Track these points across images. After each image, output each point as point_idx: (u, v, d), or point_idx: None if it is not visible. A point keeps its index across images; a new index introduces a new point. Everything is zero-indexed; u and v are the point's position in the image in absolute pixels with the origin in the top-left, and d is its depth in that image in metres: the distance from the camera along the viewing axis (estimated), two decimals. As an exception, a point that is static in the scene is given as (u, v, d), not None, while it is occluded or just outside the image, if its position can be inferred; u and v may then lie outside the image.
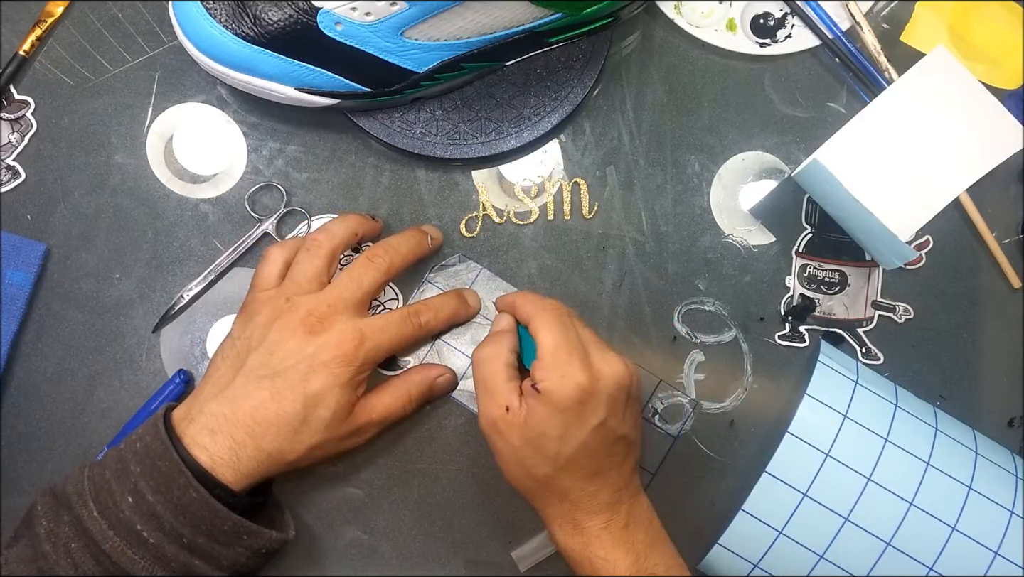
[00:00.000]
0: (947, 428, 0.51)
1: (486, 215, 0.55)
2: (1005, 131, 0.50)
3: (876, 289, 0.56)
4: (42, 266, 0.53)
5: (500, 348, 0.47)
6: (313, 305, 0.47)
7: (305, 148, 0.55)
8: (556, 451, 0.44)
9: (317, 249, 0.49)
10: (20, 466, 0.52)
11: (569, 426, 0.44)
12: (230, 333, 0.48)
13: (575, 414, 0.44)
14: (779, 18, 0.57)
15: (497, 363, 0.47)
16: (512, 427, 0.45)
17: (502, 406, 0.45)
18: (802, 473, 0.47)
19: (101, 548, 0.41)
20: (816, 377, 0.49)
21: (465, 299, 0.53)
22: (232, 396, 0.45)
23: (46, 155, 0.54)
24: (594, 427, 0.44)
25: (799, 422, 0.48)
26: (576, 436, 0.44)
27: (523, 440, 0.45)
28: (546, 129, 0.54)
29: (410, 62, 0.49)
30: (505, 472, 0.47)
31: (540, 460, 0.45)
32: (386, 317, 0.49)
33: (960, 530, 0.47)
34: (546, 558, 0.52)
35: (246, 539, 0.44)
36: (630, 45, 0.57)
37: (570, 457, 0.44)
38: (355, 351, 0.46)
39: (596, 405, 0.44)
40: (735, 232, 0.56)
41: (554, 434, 0.44)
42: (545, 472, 0.45)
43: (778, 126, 0.57)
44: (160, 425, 0.44)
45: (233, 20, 0.47)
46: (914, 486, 0.48)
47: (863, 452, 0.48)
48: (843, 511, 0.47)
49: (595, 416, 0.44)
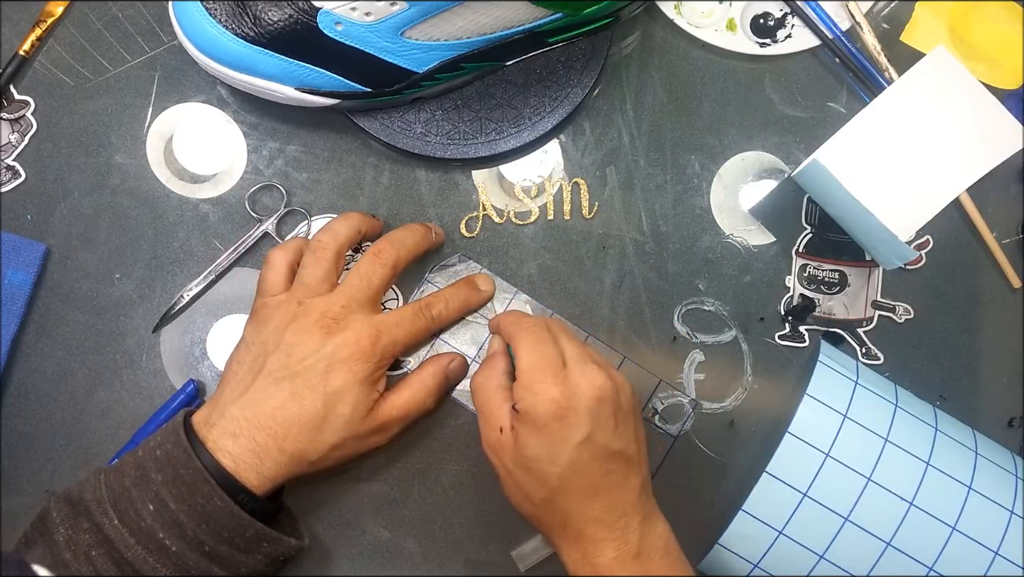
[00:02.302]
0: (947, 428, 0.51)
1: (486, 215, 0.55)
2: (1005, 131, 0.50)
3: (876, 289, 0.56)
4: (42, 266, 0.53)
5: (492, 371, 0.47)
6: (326, 306, 0.47)
7: (305, 148, 0.55)
8: (546, 472, 0.43)
9: (323, 251, 0.49)
10: (20, 466, 0.52)
11: (553, 444, 0.43)
12: (243, 338, 0.48)
13: (557, 432, 0.43)
14: (779, 18, 0.57)
15: (490, 387, 0.47)
16: (505, 449, 0.45)
17: (496, 428, 0.45)
18: (802, 473, 0.47)
19: (123, 556, 0.41)
20: (816, 377, 0.49)
21: (476, 285, 0.53)
22: (252, 399, 0.45)
23: (46, 155, 0.54)
24: (579, 443, 0.43)
25: (799, 422, 0.48)
26: (562, 454, 0.43)
27: (515, 463, 0.44)
28: (546, 129, 0.54)
29: (410, 62, 0.49)
30: (510, 498, 0.46)
31: (534, 483, 0.44)
32: (399, 312, 0.49)
33: (960, 530, 0.47)
34: (546, 558, 0.52)
35: (266, 546, 0.44)
36: (630, 45, 0.57)
37: (561, 476, 0.43)
38: (372, 347, 0.46)
39: (577, 420, 0.43)
40: (735, 232, 0.56)
41: (540, 454, 0.43)
42: (541, 495, 0.44)
43: (778, 126, 0.57)
44: (181, 432, 0.43)
45: (233, 20, 0.47)
46: (914, 486, 0.48)
47: (863, 452, 0.48)
48: (843, 511, 0.47)
49: (578, 431, 0.43)
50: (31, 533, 0.43)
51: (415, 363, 0.53)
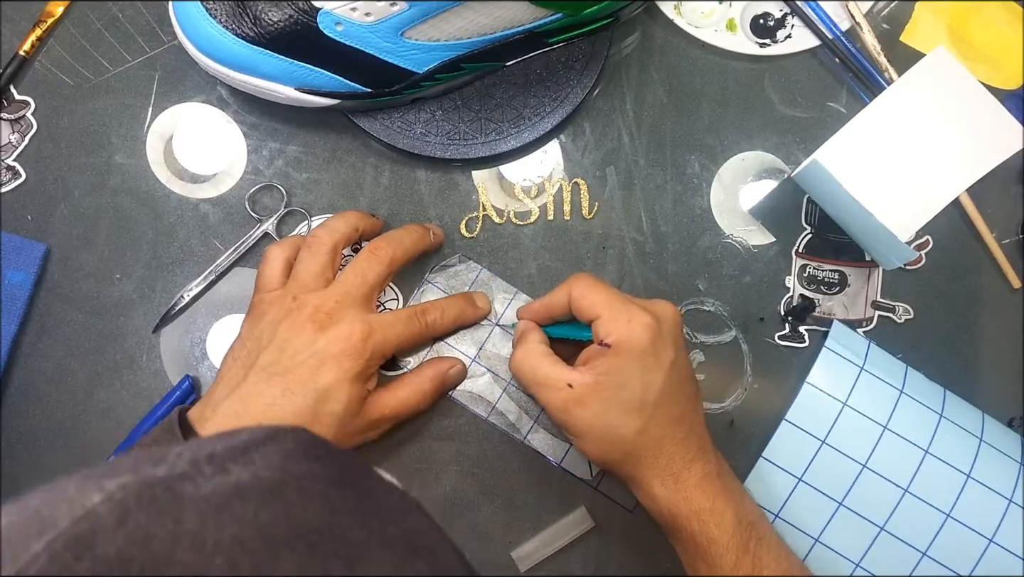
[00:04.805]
0: (953, 415, 0.51)
1: (486, 215, 0.55)
2: (1005, 131, 0.50)
3: (876, 289, 0.56)
4: (42, 266, 0.53)
5: (530, 344, 0.48)
6: (320, 301, 0.47)
7: (305, 148, 0.55)
8: (641, 399, 0.44)
9: (319, 246, 0.49)
10: (20, 466, 0.52)
11: (648, 369, 0.44)
12: (239, 335, 0.48)
13: (651, 356, 0.44)
14: (779, 18, 0.57)
15: (535, 355, 0.47)
16: (585, 398, 0.44)
17: (563, 387, 0.45)
18: (797, 459, 0.48)
19: None
20: (818, 365, 0.50)
21: (473, 301, 0.54)
22: (244, 394, 0.45)
23: (46, 155, 0.54)
24: (670, 365, 0.44)
25: (797, 409, 0.48)
26: (657, 378, 0.44)
27: (603, 404, 0.44)
28: (546, 129, 0.54)
29: (410, 62, 0.49)
30: (593, 452, 0.46)
31: (627, 415, 0.44)
32: (394, 314, 0.49)
33: (955, 517, 0.48)
34: (546, 558, 0.52)
35: None
36: (630, 45, 0.57)
37: (655, 403, 0.44)
38: (363, 344, 0.46)
39: (665, 344, 0.44)
40: (735, 232, 0.56)
41: (636, 382, 0.44)
42: (635, 427, 0.44)
43: (778, 126, 0.57)
44: (176, 428, 0.43)
45: (233, 20, 0.47)
46: (910, 474, 0.48)
47: (860, 439, 0.49)
48: (838, 496, 0.48)
49: (667, 354, 0.44)
50: None
51: (415, 363, 0.53)
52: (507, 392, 0.54)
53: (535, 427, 0.53)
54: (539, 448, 0.53)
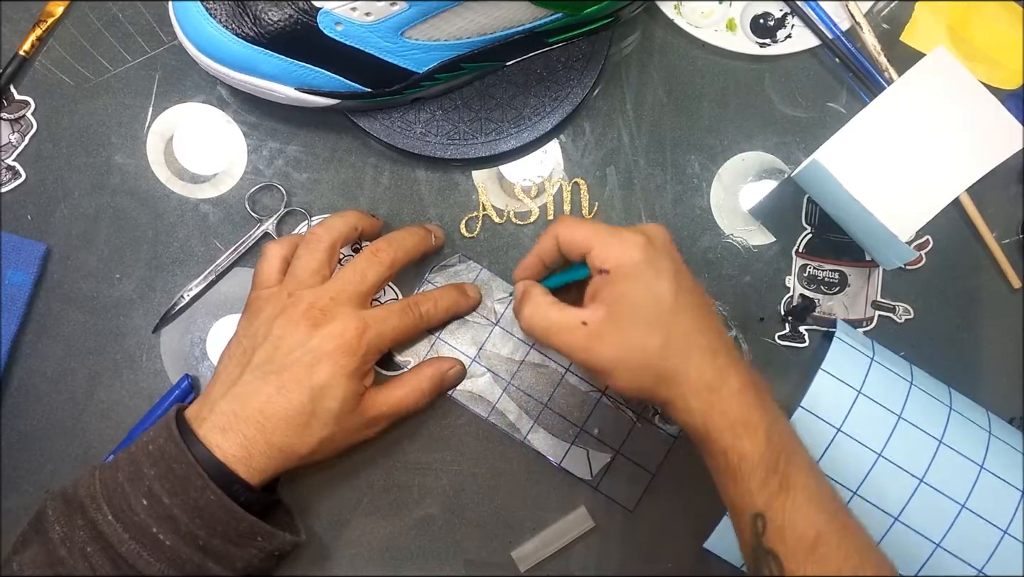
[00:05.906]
0: (961, 408, 0.51)
1: (486, 215, 0.55)
2: (1005, 131, 0.50)
3: (876, 289, 0.56)
4: (42, 266, 0.53)
5: (534, 298, 0.46)
6: (315, 298, 0.47)
7: (305, 148, 0.55)
8: (656, 313, 0.43)
9: (317, 243, 0.49)
10: (20, 466, 0.52)
11: (651, 283, 0.43)
12: (236, 332, 0.48)
13: (651, 268, 0.43)
14: (779, 18, 0.57)
15: (543, 309, 0.46)
16: (602, 330, 0.43)
17: (578, 326, 0.44)
18: (813, 447, 0.48)
19: (118, 551, 0.41)
20: (832, 352, 0.50)
21: (464, 291, 0.54)
22: (240, 393, 0.45)
23: (46, 155, 0.54)
24: (673, 275, 0.44)
25: (812, 396, 0.48)
26: (664, 287, 0.43)
27: (620, 331, 0.43)
28: (546, 129, 0.54)
29: (410, 62, 0.49)
30: (625, 384, 0.44)
31: (647, 334, 0.43)
32: (387, 307, 0.49)
33: (969, 508, 0.48)
34: (546, 558, 0.52)
35: (260, 540, 0.44)
36: (630, 45, 0.57)
37: (671, 312, 0.43)
38: (358, 340, 0.46)
39: (660, 256, 0.44)
40: (735, 232, 0.56)
41: (645, 299, 0.43)
42: (657, 342, 0.43)
43: (778, 126, 0.57)
44: (173, 427, 0.43)
45: (233, 20, 0.47)
46: (925, 463, 0.48)
47: (875, 428, 0.48)
48: (853, 485, 0.48)
49: (666, 264, 0.44)
50: (28, 531, 0.43)
51: (415, 363, 0.53)
52: (507, 392, 0.54)
53: (535, 427, 0.53)
54: (539, 448, 0.53)
